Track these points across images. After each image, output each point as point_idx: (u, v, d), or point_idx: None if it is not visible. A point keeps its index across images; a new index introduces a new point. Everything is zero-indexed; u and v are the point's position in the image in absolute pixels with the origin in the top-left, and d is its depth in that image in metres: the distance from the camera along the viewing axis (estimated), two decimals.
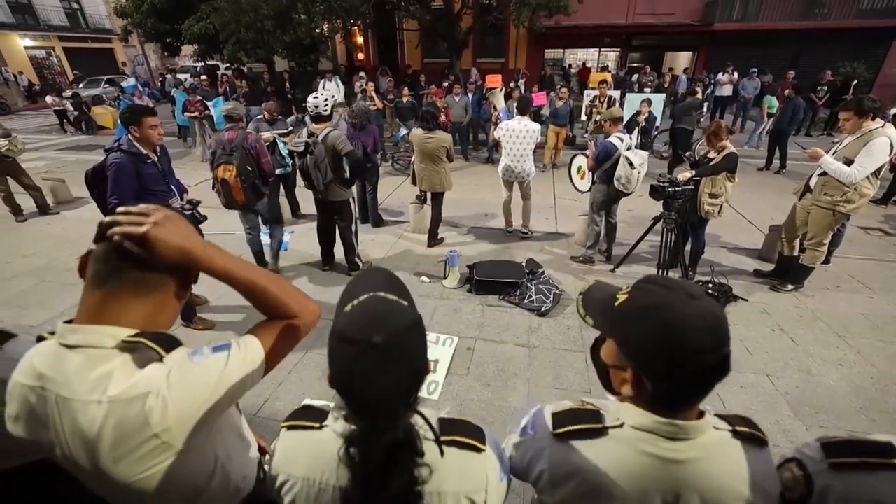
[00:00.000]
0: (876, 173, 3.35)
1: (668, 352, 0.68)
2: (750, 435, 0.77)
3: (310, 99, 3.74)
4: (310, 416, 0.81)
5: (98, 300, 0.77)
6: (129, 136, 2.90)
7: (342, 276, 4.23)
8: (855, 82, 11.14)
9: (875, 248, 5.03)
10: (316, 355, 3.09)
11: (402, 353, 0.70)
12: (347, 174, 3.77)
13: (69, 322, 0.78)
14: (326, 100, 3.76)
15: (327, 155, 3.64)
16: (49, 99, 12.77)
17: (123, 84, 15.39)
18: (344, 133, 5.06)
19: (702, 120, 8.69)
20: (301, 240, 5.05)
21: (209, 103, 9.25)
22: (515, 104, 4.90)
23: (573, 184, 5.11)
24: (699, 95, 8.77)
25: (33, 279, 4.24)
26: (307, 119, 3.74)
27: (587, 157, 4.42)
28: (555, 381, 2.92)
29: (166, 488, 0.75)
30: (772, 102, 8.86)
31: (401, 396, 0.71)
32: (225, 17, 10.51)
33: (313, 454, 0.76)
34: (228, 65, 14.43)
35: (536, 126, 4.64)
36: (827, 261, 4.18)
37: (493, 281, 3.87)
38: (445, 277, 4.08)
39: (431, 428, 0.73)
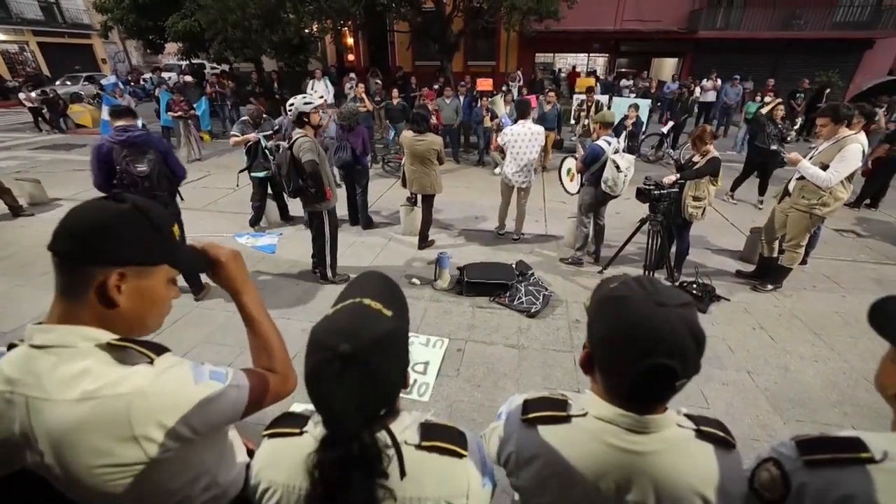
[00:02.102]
0: (849, 178, 3.49)
1: (612, 342, 0.73)
2: (714, 436, 0.78)
3: (289, 103, 3.61)
4: (290, 423, 0.80)
5: (65, 302, 0.75)
6: None
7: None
8: (828, 90, 11.56)
9: (848, 249, 5.23)
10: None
11: (367, 365, 0.65)
12: (310, 187, 3.54)
13: (39, 324, 0.76)
14: (291, 104, 3.53)
15: (290, 162, 3.47)
16: (23, 95, 12.33)
17: (103, 82, 15.06)
18: (334, 134, 5.08)
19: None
20: (290, 243, 5.02)
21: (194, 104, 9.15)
22: (514, 108, 4.93)
23: (563, 186, 5.19)
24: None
25: (5, 284, 4.10)
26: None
27: (577, 159, 4.50)
28: (544, 381, 2.97)
29: (144, 493, 0.74)
30: (751, 108, 9.11)
31: (361, 410, 0.67)
32: (211, 14, 10.37)
33: (293, 460, 0.74)
34: (215, 64, 14.24)
35: (540, 128, 4.70)
36: (804, 262, 4.34)
37: (484, 283, 3.91)
38: (436, 279, 4.11)
39: (396, 448, 0.70)
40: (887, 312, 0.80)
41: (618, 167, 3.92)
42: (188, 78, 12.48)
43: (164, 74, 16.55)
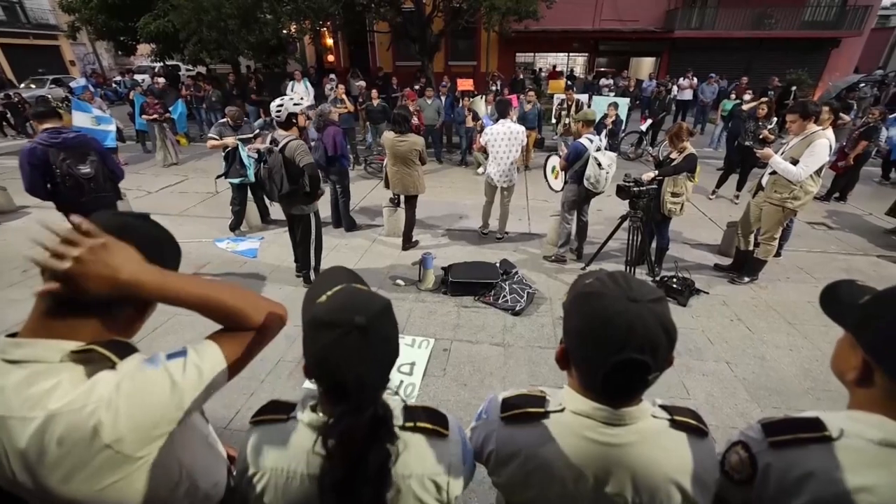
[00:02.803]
0: (818, 172, 3.61)
1: (586, 337, 0.74)
2: (688, 425, 0.81)
3: (273, 104, 3.53)
4: (276, 410, 0.85)
5: (45, 313, 0.73)
6: None
7: None
8: (794, 88, 11.96)
9: (819, 241, 5.42)
10: (289, 364, 3.04)
11: (381, 333, 0.74)
12: (307, 188, 3.50)
13: (13, 335, 0.73)
14: (280, 105, 3.46)
15: (284, 165, 3.41)
16: None
17: (72, 84, 14.53)
18: (314, 137, 5.02)
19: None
20: (272, 246, 4.95)
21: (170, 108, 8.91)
22: (494, 108, 4.96)
23: (548, 183, 5.24)
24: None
25: None
26: (275, 123, 3.58)
27: (561, 157, 4.55)
28: (530, 378, 2.99)
29: (128, 501, 0.72)
30: (727, 106, 9.35)
31: (381, 374, 0.76)
32: (185, 15, 10.12)
33: (281, 445, 0.79)
34: (190, 66, 13.89)
35: (520, 128, 4.72)
36: (778, 254, 4.47)
37: (468, 282, 3.92)
38: (420, 280, 4.10)
39: (404, 408, 0.79)
40: (837, 296, 0.84)
41: (600, 164, 3.98)
42: (161, 80, 12.11)
43: (137, 77, 16.14)
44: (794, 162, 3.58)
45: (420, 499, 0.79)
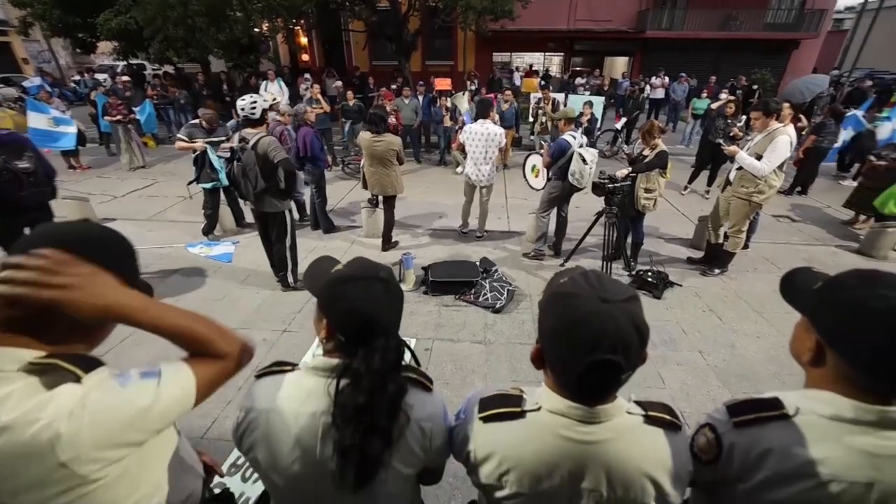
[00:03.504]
0: (781, 167, 3.77)
1: (559, 338, 0.75)
2: (661, 420, 0.82)
3: (239, 101, 3.48)
4: (282, 365, 0.95)
5: (2, 323, 0.70)
6: None
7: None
8: (756, 87, 12.48)
9: (784, 233, 5.67)
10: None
11: (396, 287, 0.90)
12: (282, 184, 3.48)
13: None
14: (255, 102, 3.43)
15: (257, 162, 3.37)
16: None
17: (26, 84, 13.79)
18: (290, 137, 4.93)
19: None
20: (248, 250, 4.82)
21: (136, 109, 8.58)
22: (476, 106, 4.97)
23: (528, 182, 5.29)
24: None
25: None
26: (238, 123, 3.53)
27: (541, 156, 4.60)
28: (511, 375, 3.02)
29: None
30: (698, 105, 9.66)
31: (398, 319, 0.91)
32: (149, 11, 9.73)
33: (286, 388, 0.88)
34: (157, 64, 13.38)
35: (499, 130, 4.74)
36: (746, 246, 4.66)
37: (449, 281, 3.93)
38: (401, 280, 4.07)
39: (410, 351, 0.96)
40: (794, 283, 0.89)
41: (584, 160, 4.05)
42: (125, 78, 11.56)
43: (98, 76, 15.34)
44: (759, 157, 3.73)
45: (408, 441, 0.88)
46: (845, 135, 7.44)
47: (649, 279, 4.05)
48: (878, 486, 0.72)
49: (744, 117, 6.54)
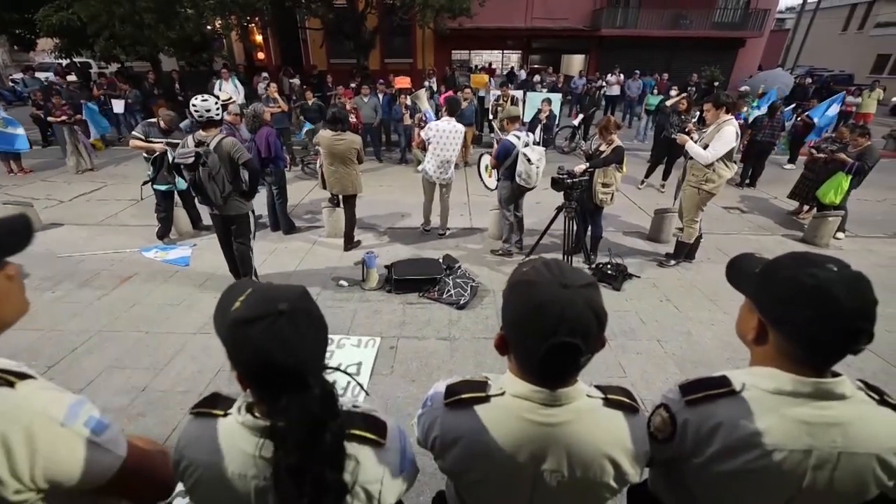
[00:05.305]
0: (729, 157, 3.92)
1: (521, 323, 0.77)
2: (620, 402, 0.86)
3: (196, 101, 3.25)
4: (215, 404, 0.83)
5: None
6: None
7: None
8: (716, 83, 13.10)
9: (735, 224, 5.97)
10: (230, 374, 2.86)
11: (306, 313, 0.73)
12: (246, 185, 3.41)
13: None
14: (217, 102, 3.31)
15: (223, 164, 3.26)
16: None
17: None
18: (247, 137, 4.74)
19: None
20: (205, 253, 4.61)
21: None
22: (445, 105, 4.91)
23: (483, 182, 5.31)
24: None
25: None
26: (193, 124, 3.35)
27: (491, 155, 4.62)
28: (477, 370, 3.02)
29: None
30: (652, 101, 10.02)
31: (317, 353, 0.74)
32: (92, 7, 9.18)
33: (216, 440, 0.77)
34: (103, 62, 12.60)
35: (462, 127, 4.73)
36: (700, 236, 4.83)
37: (412, 279, 3.89)
38: (364, 280, 4.00)
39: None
40: (738, 268, 0.95)
41: (529, 160, 4.07)
42: (71, 77, 10.83)
43: (39, 75, 14.38)
44: (707, 147, 3.91)
45: None
46: (823, 121, 8.20)
47: (609, 272, 4.16)
48: (815, 453, 0.78)
49: (697, 113, 6.83)
